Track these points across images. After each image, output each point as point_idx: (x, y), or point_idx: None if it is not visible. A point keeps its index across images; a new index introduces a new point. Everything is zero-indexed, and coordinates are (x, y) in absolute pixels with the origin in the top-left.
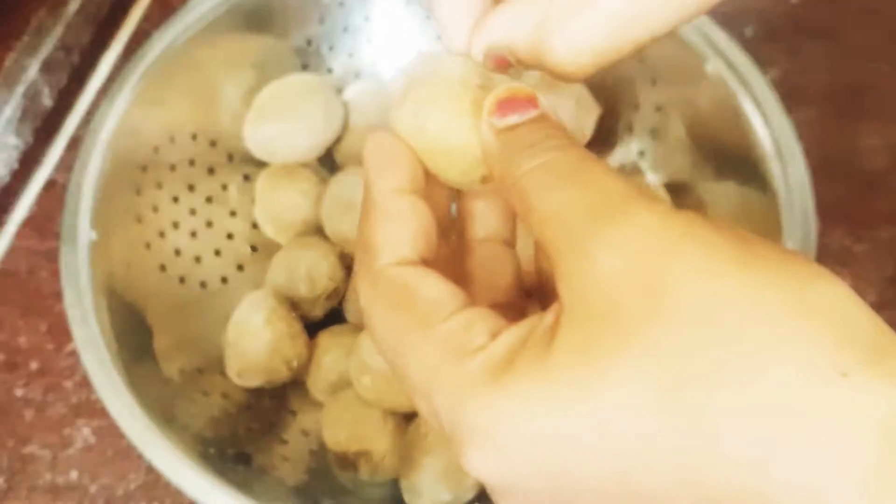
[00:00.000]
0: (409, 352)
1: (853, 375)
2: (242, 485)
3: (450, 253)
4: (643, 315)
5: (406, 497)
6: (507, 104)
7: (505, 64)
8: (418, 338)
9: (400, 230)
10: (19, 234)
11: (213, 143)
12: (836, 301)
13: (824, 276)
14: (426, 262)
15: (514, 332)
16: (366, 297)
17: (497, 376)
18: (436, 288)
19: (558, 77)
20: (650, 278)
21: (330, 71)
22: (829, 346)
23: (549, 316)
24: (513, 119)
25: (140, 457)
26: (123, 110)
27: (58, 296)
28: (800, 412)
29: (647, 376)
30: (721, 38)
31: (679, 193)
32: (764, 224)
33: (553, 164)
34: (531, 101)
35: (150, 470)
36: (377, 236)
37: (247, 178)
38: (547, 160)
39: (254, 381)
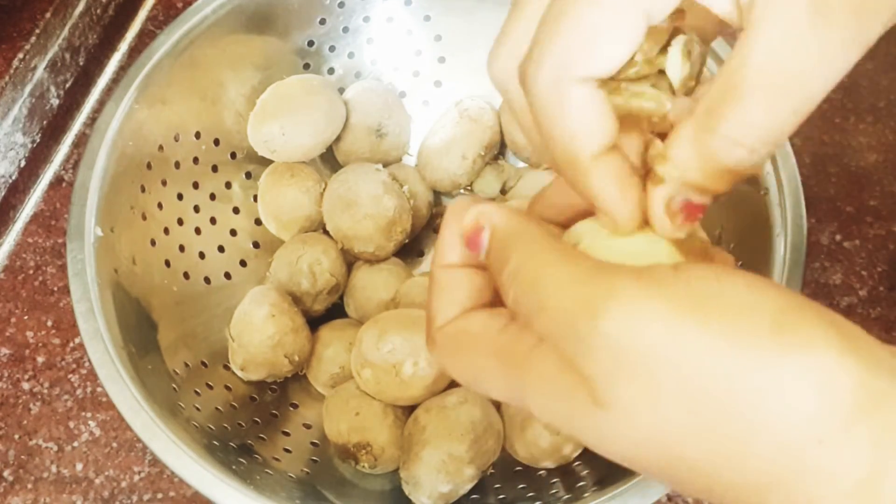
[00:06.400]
0: None
1: (828, 442)
2: (245, 476)
3: None
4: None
5: (406, 488)
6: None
7: (700, 212)
8: None
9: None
10: (26, 231)
11: (216, 142)
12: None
13: (789, 354)
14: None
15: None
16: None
17: None
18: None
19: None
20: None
21: (331, 71)
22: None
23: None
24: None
25: (144, 449)
26: (129, 109)
27: (64, 291)
28: (784, 479)
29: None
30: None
31: None
32: (755, 221)
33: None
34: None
35: (154, 462)
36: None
37: (249, 175)
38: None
39: (257, 375)
